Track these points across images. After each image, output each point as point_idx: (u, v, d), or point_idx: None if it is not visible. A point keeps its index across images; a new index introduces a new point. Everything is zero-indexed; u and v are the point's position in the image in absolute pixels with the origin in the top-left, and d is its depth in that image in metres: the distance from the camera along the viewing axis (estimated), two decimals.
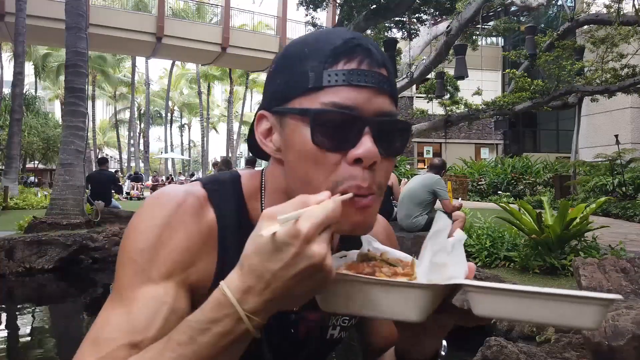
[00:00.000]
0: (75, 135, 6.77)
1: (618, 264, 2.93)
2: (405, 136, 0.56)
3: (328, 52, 0.52)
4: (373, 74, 0.52)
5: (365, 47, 0.53)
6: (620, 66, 9.63)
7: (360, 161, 0.51)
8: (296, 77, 0.53)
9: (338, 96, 0.51)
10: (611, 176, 9.52)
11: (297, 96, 0.53)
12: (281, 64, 0.57)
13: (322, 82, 0.51)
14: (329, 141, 0.51)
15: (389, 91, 0.54)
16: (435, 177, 4.75)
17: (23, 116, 14.22)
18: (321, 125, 0.51)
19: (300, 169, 0.54)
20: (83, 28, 7.01)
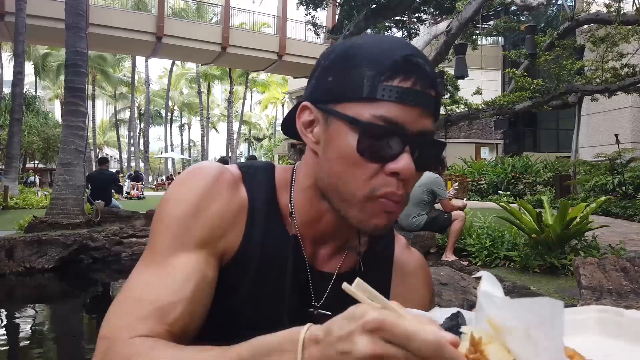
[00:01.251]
0: (75, 135, 6.77)
1: (618, 264, 2.92)
2: (438, 154, 0.59)
3: (387, 65, 0.54)
4: (424, 95, 0.54)
5: (422, 67, 0.55)
6: (620, 65, 9.62)
7: (397, 174, 0.54)
8: (351, 82, 0.55)
9: (389, 111, 0.53)
10: (611, 176, 9.51)
11: (349, 101, 0.55)
12: (337, 63, 0.58)
13: (377, 95, 0.53)
14: (372, 152, 0.54)
15: (434, 112, 0.56)
16: (433, 176, 4.74)
17: (23, 116, 14.21)
18: (368, 136, 0.54)
19: (338, 167, 0.56)
20: (83, 28, 7.00)
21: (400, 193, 0.55)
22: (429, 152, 0.57)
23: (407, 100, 0.53)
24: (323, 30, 9.71)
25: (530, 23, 9.60)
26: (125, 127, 39.40)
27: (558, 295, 3.46)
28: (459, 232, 4.67)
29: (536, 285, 3.75)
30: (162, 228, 0.56)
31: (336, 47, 0.60)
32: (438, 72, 9.75)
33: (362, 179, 0.54)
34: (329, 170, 0.57)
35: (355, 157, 0.54)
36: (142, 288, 0.52)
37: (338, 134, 0.56)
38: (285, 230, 0.62)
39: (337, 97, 0.56)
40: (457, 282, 3.35)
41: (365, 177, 0.54)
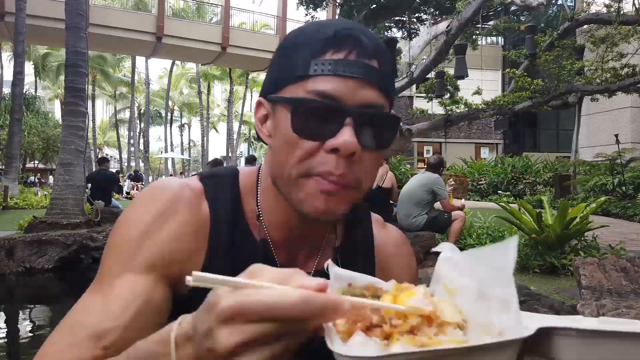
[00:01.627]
0: (75, 135, 6.78)
1: (618, 264, 2.92)
2: (392, 130, 0.55)
3: (319, 41, 0.52)
4: (360, 64, 0.52)
5: (356, 37, 0.52)
6: (620, 66, 9.61)
7: (337, 151, 0.50)
8: (288, 65, 0.54)
9: (322, 85, 0.51)
10: (611, 176, 9.51)
11: (287, 84, 0.54)
12: (280, 52, 0.57)
13: (309, 71, 0.52)
14: (308, 129, 0.51)
15: (377, 83, 0.53)
16: (433, 176, 4.74)
17: (23, 116, 14.21)
18: (301, 113, 0.52)
19: (280, 154, 0.54)
20: (83, 28, 7.01)
21: (338, 173, 0.51)
22: (377, 128, 0.53)
23: (340, 71, 0.51)
24: None
25: (530, 23, 9.60)
26: (125, 127, 39.39)
27: (558, 296, 3.46)
28: (459, 232, 4.67)
29: (536, 285, 3.75)
30: (111, 251, 0.54)
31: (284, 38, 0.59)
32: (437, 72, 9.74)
33: (299, 157, 0.52)
34: (275, 160, 0.56)
35: (292, 137, 0.52)
36: (80, 313, 0.51)
37: (280, 120, 0.54)
38: (252, 236, 0.60)
39: (279, 84, 0.55)
40: None
41: (301, 156, 0.52)
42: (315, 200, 0.52)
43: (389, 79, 0.56)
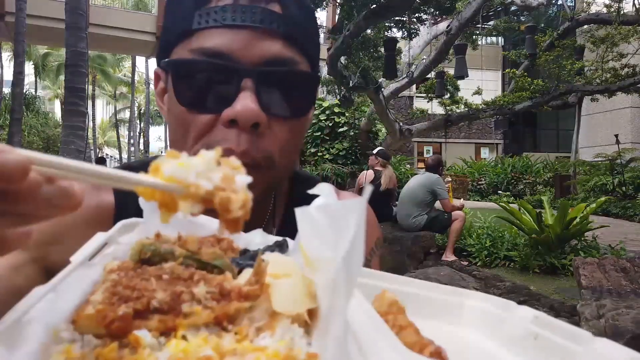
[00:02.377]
0: (75, 135, 6.77)
1: (618, 264, 2.93)
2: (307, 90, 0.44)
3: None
4: (255, 10, 0.41)
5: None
6: (620, 66, 9.61)
7: (235, 122, 0.40)
8: (172, 22, 0.44)
9: (208, 41, 0.40)
10: (611, 176, 9.51)
11: (174, 46, 0.43)
12: (165, 7, 0.46)
13: (192, 25, 0.41)
14: (197, 99, 0.41)
15: (281, 32, 0.42)
16: (434, 176, 4.74)
17: (23, 116, 14.20)
18: (184, 79, 0.41)
19: (173, 134, 0.44)
20: (83, 28, 7.00)
21: (239, 150, 0.40)
22: (289, 89, 0.42)
23: (228, 21, 0.40)
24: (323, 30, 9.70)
25: (530, 23, 9.59)
26: (125, 127, 39.37)
27: (558, 296, 3.46)
28: (459, 232, 4.67)
29: (536, 285, 3.74)
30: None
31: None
32: (437, 72, 9.75)
33: (193, 139, 0.42)
34: (171, 140, 0.46)
35: (181, 112, 0.42)
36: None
37: (170, 92, 0.43)
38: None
39: (166, 46, 0.44)
40: (457, 283, 3.35)
41: (196, 136, 0.42)
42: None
43: (301, 27, 0.44)
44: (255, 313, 0.24)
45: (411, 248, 4.58)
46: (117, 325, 0.21)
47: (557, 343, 0.28)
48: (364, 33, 7.58)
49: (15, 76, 11.89)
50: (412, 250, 4.57)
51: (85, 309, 0.22)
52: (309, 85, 0.45)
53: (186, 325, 0.22)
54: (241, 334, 0.23)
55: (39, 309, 0.23)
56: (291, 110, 0.43)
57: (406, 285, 0.35)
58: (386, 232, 4.79)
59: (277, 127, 0.42)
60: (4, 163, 0.20)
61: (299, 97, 0.44)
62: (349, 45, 7.29)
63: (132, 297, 0.22)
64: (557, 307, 2.98)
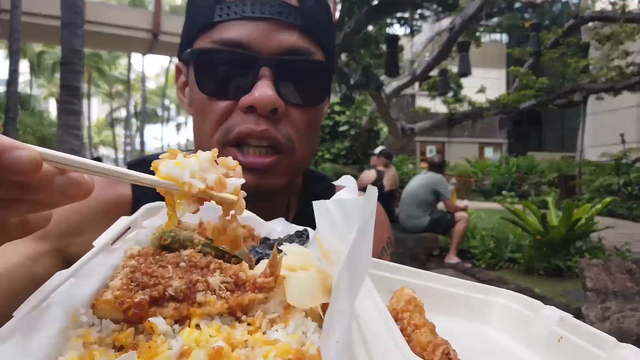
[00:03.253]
0: (70, 134, 6.74)
1: (623, 265, 2.93)
2: (323, 79, 0.48)
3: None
4: (273, 3, 0.44)
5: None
6: (626, 64, 9.53)
7: (254, 109, 0.43)
8: (194, 15, 0.47)
9: (228, 32, 0.43)
10: (617, 176, 9.42)
11: (195, 38, 0.46)
12: (187, 2, 0.50)
13: (213, 18, 0.44)
14: (217, 86, 0.44)
15: (298, 24, 0.45)
16: (436, 176, 4.64)
17: (18, 114, 14.12)
18: (206, 68, 0.44)
19: (195, 122, 0.48)
20: (79, 25, 6.97)
21: (259, 129, 0.43)
22: (305, 78, 0.45)
23: (248, 13, 0.43)
24: None
25: (535, 20, 9.51)
26: (121, 125, 39.32)
27: (563, 298, 3.38)
28: (463, 234, 4.59)
29: (541, 287, 3.67)
30: None
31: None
32: (440, 70, 9.63)
33: (214, 123, 0.45)
34: (195, 129, 0.49)
35: (202, 99, 0.45)
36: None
37: (191, 82, 0.47)
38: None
39: (189, 40, 0.48)
40: None
41: (216, 121, 0.45)
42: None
43: (317, 19, 0.47)
44: (269, 305, 0.25)
45: (413, 250, 4.48)
46: (133, 311, 0.23)
47: (581, 347, 0.27)
48: (365, 30, 7.47)
49: (10, 74, 11.82)
50: (415, 252, 4.48)
51: (104, 294, 0.24)
52: (324, 75, 0.47)
53: (200, 314, 0.24)
54: (254, 325, 0.24)
55: (59, 294, 0.24)
56: (307, 98, 0.46)
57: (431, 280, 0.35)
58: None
59: (294, 113, 0.46)
60: (18, 158, 0.24)
61: (314, 85, 0.46)
62: (350, 42, 7.18)
63: (149, 284, 0.24)
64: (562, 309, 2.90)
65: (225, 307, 0.24)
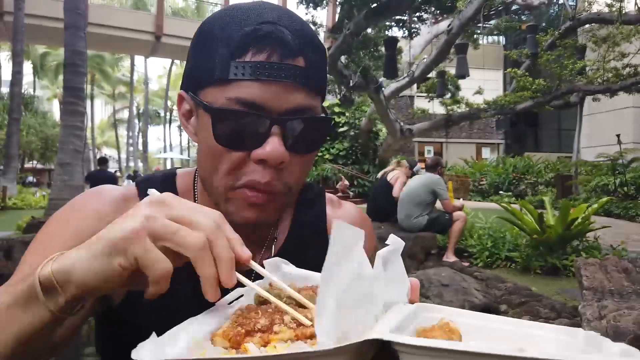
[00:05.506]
0: (73, 135, 6.76)
1: (620, 264, 2.91)
2: (322, 132, 0.53)
3: (237, 39, 0.48)
4: (284, 67, 0.48)
5: (277, 35, 0.48)
6: (622, 65, 9.59)
7: (264, 161, 0.49)
8: (206, 62, 0.50)
9: (244, 92, 0.47)
10: (613, 176, 9.48)
11: (207, 85, 0.50)
12: (196, 42, 0.53)
13: (229, 75, 0.48)
14: (232, 140, 0.49)
15: (305, 84, 0.49)
16: (435, 177, 4.72)
17: (21, 115, 14.18)
18: (224, 123, 0.49)
19: (206, 162, 0.52)
20: (82, 27, 6.99)
21: (263, 181, 0.49)
22: (307, 132, 0.50)
23: (262, 76, 0.47)
24: (323, 29, 9.67)
25: (532, 22, 9.57)
26: (124, 127, 39.38)
27: (560, 297, 3.43)
28: (460, 233, 4.64)
29: (537, 286, 3.72)
30: (30, 247, 0.54)
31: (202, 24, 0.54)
32: (439, 72, 9.71)
33: (226, 170, 0.50)
34: (202, 165, 0.54)
35: (216, 147, 0.50)
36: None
37: (202, 124, 0.51)
38: None
39: (198, 82, 0.51)
40: (458, 284, 3.31)
41: (228, 168, 0.50)
42: (244, 212, 0.51)
43: (318, 73, 0.51)
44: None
45: (412, 249, 4.55)
46: (234, 339, 0.34)
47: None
48: (364, 32, 7.55)
49: (14, 76, 11.87)
50: (413, 251, 4.54)
51: (218, 332, 0.35)
52: (325, 127, 0.53)
53: (276, 339, 0.34)
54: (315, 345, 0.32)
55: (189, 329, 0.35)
56: (308, 148, 0.52)
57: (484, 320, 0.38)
58: (386, 233, 4.75)
59: (294, 160, 0.51)
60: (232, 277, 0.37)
61: (316, 137, 0.53)
62: (350, 44, 7.27)
63: (245, 323, 0.35)
64: (558, 308, 2.95)
65: (293, 335, 0.34)
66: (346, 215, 0.69)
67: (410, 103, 18.65)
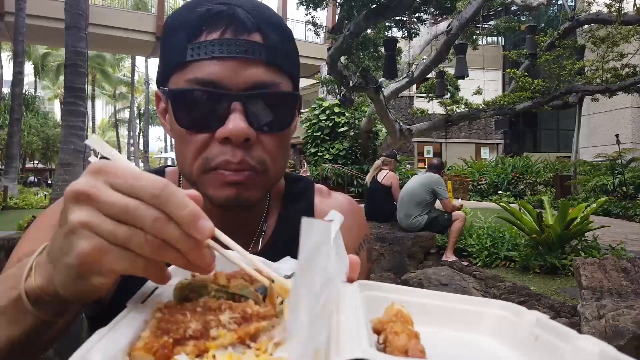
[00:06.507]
0: (74, 135, 6.77)
1: (618, 264, 2.91)
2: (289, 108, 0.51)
3: (192, 22, 0.49)
4: (239, 42, 0.48)
5: (230, 12, 0.48)
6: (621, 66, 9.60)
7: (229, 140, 0.48)
8: (169, 52, 0.51)
9: (200, 72, 0.47)
10: (612, 176, 9.51)
11: (170, 75, 0.50)
12: (162, 36, 0.53)
13: (186, 57, 0.48)
14: (194, 121, 0.48)
15: (263, 59, 0.49)
16: (434, 176, 4.74)
17: (23, 116, 14.20)
18: (184, 105, 0.48)
19: (177, 150, 0.52)
20: (82, 27, 7.00)
21: (235, 160, 0.48)
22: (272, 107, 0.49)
23: (216, 53, 0.47)
24: (323, 30, 9.69)
25: (531, 23, 9.58)
26: (125, 127, 39.36)
27: (559, 296, 3.45)
28: (460, 233, 4.66)
29: (536, 285, 3.74)
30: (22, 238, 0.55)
31: (165, 20, 0.55)
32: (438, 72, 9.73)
33: (193, 153, 0.49)
34: (176, 155, 0.53)
35: (182, 132, 0.49)
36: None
37: (170, 114, 0.51)
38: None
39: (165, 74, 0.51)
40: (457, 283, 3.34)
41: (195, 150, 0.49)
42: (223, 191, 0.50)
43: (281, 52, 0.51)
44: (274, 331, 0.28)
45: (411, 248, 4.56)
46: (160, 352, 0.27)
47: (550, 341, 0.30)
48: (364, 33, 7.56)
49: (15, 76, 11.89)
50: (412, 251, 4.56)
51: (137, 343, 0.28)
52: (290, 103, 0.52)
53: (215, 346, 0.27)
54: (261, 349, 0.27)
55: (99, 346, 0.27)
56: (275, 125, 0.50)
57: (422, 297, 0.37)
58: (386, 233, 4.77)
59: (265, 139, 0.50)
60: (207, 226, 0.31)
61: (281, 113, 0.51)
62: (349, 45, 7.28)
63: (172, 329, 0.28)
64: (557, 307, 2.97)
65: (235, 338, 0.28)
66: (335, 204, 0.68)
67: (410, 103, 18.67)
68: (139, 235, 0.29)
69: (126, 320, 0.30)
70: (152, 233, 0.30)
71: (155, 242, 0.30)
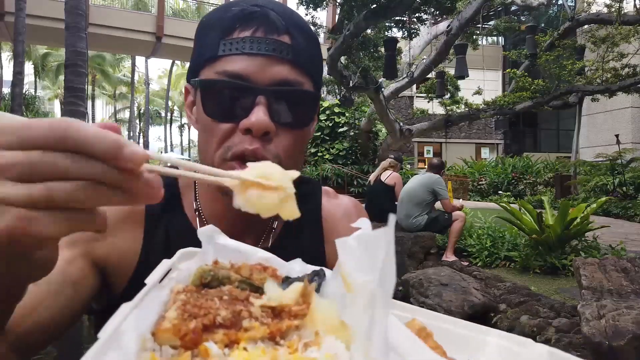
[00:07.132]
0: None
1: (619, 264, 2.92)
2: (309, 107, 0.54)
3: (226, 21, 0.52)
4: (269, 41, 0.51)
5: (263, 13, 0.51)
6: (621, 66, 9.61)
7: (250, 131, 0.50)
8: (202, 48, 0.54)
9: (230, 65, 0.50)
10: (612, 176, 9.51)
11: (202, 68, 0.53)
12: (195, 34, 0.57)
13: (218, 52, 0.51)
14: (220, 111, 0.51)
15: (290, 58, 0.52)
16: (435, 176, 4.74)
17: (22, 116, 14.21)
18: (211, 95, 0.51)
19: (201, 140, 0.54)
20: (83, 27, 7.00)
21: (251, 148, 0.50)
22: (294, 105, 0.52)
23: (247, 49, 0.50)
24: (323, 30, 9.69)
25: (531, 23, 9.59)
26: (125, 127, 39.36)
27: (559, 296, 3.45)
28: (460, 233, 4.66)
29: (536, 285, 3.74)
30: None
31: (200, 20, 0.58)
32: (438, 72, 9.74)
33: (217, 142, 0.52)
34: (199, 145, 0.55)
35: (207, 121, 0.52)
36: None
37: (198, 104, 0.54)
38: (192, 228, 0.59)
39: (196, 68, 0.54)
40: (457, 283, 3.33)
41: (219, 140, 0.51)
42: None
43: (306, 54, 0.54)
44: (302, 331, 0.27)
45: (411, 248, 4.57)
46: (189, 337, 0.25)
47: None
48: (364, 33, 7.57)
49: (15, 76, 11.89)
50: (412, 251, 4.56)
51: (162, 324, 0.26)
52: (310, 102, 0.55)
53: (246, 338, 0.26)
54: (292, 348, 0.26)
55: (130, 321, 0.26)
56: (295, 122, 0.53)
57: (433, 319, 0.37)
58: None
59: (283, 134, 0.52)
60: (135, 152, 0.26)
61: (302, 111, 0.54)
62: (349, 45, 7.28)
63: (200, 314, 0.26)
64: (557, 307, 2.97)
65: (267, 332, 0.26)
66: (342, 205, 0.70)
67: (410, 103, 18.68)
68: (59, 187, 0.25)
69: (149, 298, 0.29)
70: (74, 178, 0.25)
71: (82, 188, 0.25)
